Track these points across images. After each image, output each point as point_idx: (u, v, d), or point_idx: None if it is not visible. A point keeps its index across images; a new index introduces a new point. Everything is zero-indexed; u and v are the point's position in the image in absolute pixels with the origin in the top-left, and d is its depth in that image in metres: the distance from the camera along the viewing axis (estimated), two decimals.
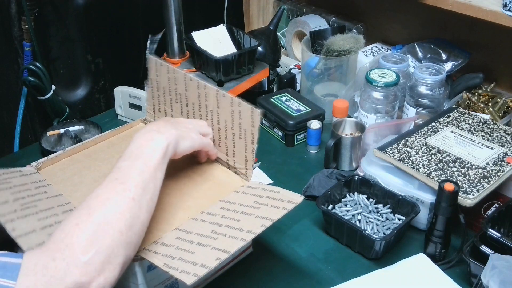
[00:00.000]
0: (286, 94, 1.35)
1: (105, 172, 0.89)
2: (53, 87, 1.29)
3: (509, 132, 1.08)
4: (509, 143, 1.05)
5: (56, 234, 0.62)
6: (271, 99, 1.32)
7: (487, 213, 1.00)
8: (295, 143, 1.28)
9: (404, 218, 0.99)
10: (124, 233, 0.64)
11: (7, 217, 0.73)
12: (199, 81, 0.89)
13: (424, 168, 0.98)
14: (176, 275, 0.66)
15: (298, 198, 0.77)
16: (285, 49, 1.64)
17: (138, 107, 1.32)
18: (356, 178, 1.05)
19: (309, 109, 1.28)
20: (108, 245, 0.62)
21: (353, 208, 1.02)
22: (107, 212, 0.64)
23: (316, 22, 1.52)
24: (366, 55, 1.45)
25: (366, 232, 0.93)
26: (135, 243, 0.67)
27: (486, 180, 0.95)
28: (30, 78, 1.25)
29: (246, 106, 0.84)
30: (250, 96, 1.33)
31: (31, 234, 0.71)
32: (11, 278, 0.55)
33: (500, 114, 1.23)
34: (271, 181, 1.14)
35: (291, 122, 1.24)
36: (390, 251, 0.97)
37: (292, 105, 1.30)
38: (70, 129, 1.26)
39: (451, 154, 1.02)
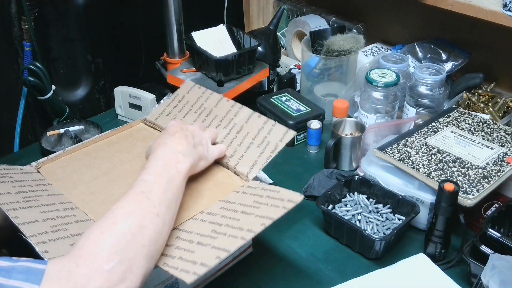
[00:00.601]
0: (286, 94, 1.35)
1: (104, 170, 0.89)
2: (53, 87, 1.29)
3: (509, 132, 1.08)
4: (509, 143, 1.05)
5: (80, 241, 0.63)
6: (271, 99, 1.32)
7: (487, 213, 1.00)
8: (295, 143, 1.28)
9: (404, 218, 0.99)
10: (147, 247, 0.65)
11: (9, 205, 0.73)
12: (236, 103, 0.95)
13: (424, 168, 0.98)
14: (175, 274, 0.66)
15: (298, 197, 0.77)
16: (285, 49, 1.64)
17: (138, 107, 1.32)
18: (356, 178, 1.05)
19: (309, 109, 1.28)
20: (131, 256, 0.63)
21: (353, 208, 1.02)
22: (132, 224, 0.65)
23: (316, 22, 1.52)
24: (366, 55, 1.45)
25: (366, 232, 0.93)
26: (156, 257, 0.68)
27: (486, 180, 0.95)
28: (30, 78, 1.25)
29: (281, 127, 0.91)
30: (250, 96, 1.34)
31: (34, 223, 0.72)
32: (35, 282, 0.56)
33: (500, 114, 1.23)
34: (271, 181, 1.14)
35: (291, 122, 1.24)
36: (390, 251, 0.97)
37: (292, 105, 1.30)
38: (70, 129, 1.26)
39: (451, 154, 1.02)
